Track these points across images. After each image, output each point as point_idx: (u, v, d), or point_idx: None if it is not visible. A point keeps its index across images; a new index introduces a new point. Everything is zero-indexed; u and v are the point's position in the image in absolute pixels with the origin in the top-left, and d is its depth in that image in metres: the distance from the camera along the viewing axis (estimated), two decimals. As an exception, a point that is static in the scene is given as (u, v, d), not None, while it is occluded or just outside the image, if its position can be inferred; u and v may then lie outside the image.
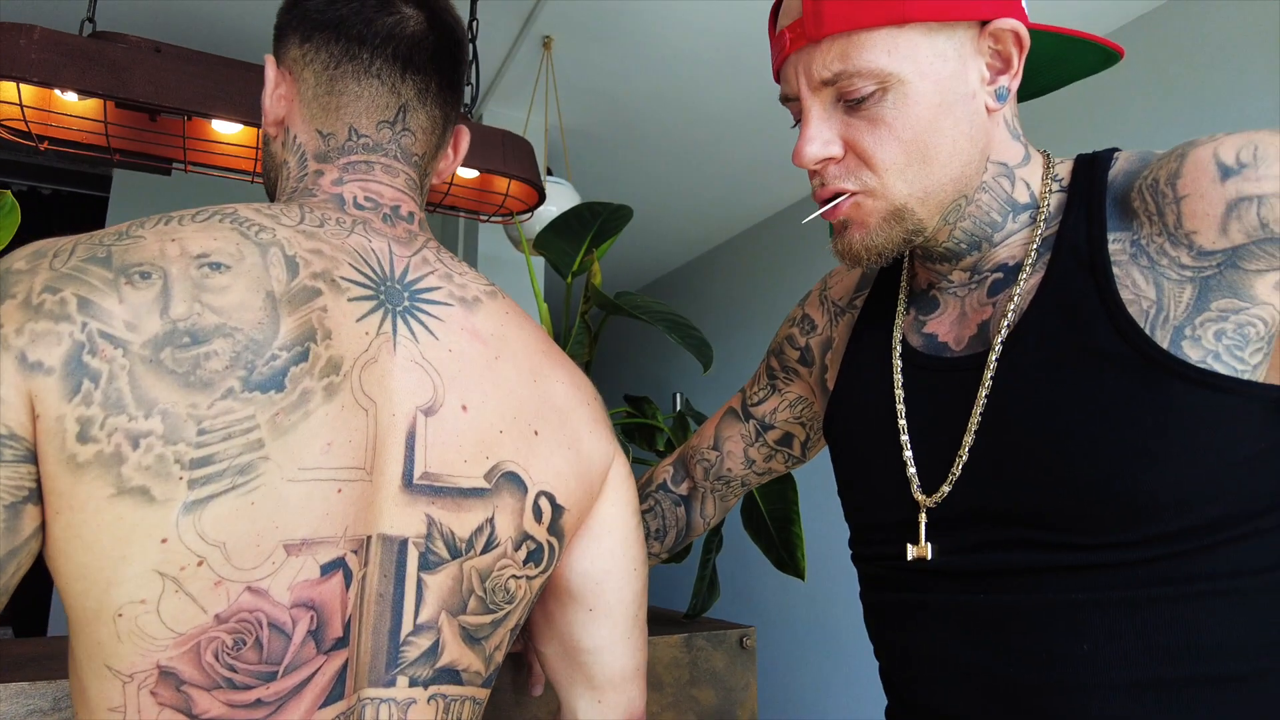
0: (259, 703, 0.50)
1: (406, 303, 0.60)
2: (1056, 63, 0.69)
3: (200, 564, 0.47)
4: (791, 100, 0.66)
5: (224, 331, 0.50)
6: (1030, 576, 0.58)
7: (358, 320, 0.56)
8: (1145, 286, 0.56)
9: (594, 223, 1.69)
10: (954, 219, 0.65)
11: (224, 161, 1.30)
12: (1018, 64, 0.63)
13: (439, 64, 0.69)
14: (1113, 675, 0.55)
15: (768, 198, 3.58)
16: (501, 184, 1.52)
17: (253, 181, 1.34)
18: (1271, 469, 0.54)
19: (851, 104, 0.61)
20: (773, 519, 1.62)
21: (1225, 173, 0.54)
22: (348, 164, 0.66)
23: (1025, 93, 0.73)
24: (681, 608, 1.55)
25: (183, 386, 0.47)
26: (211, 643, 0.49)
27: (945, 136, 0.61)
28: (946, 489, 0.63)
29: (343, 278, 0.57)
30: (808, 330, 0.86)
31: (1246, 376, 0.53)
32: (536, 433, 0.63)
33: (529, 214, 1.63)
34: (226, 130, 1.26)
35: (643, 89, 2.67)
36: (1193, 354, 0.54)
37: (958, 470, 0.62)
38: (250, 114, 1.16)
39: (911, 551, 0.64)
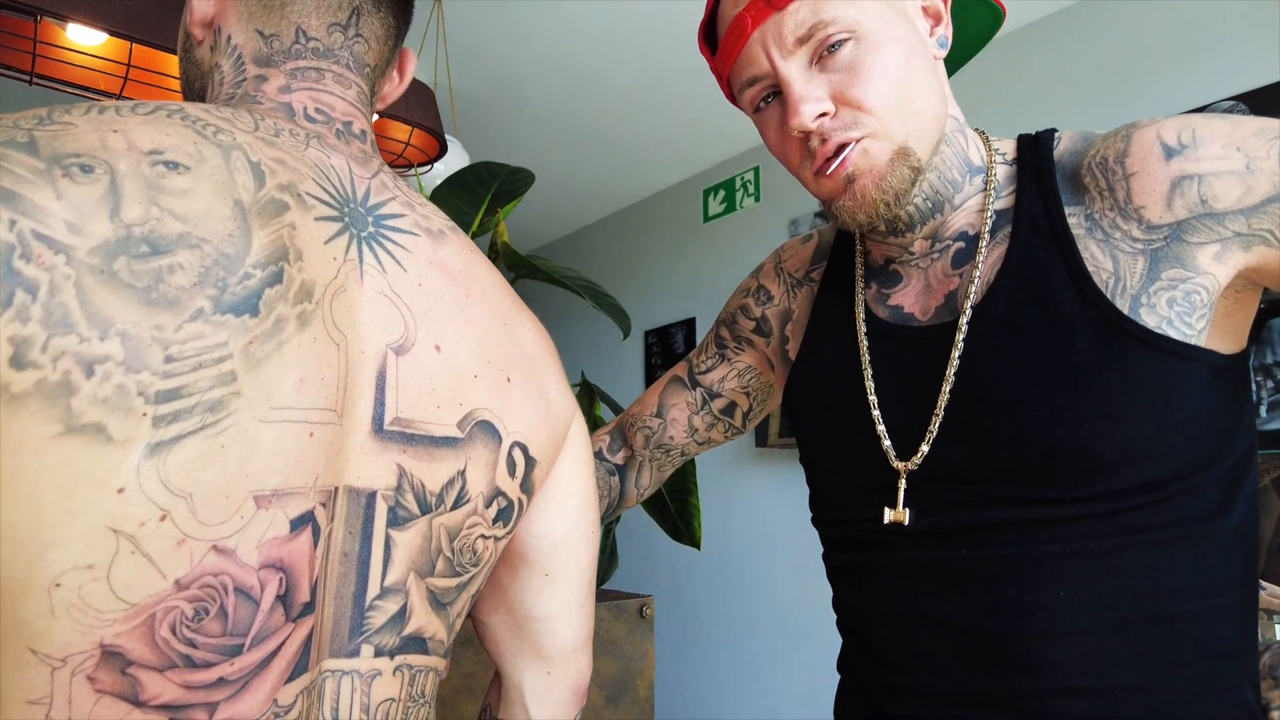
0: (221, 681, 0.43)
1: (371, 228, 0.54)
2: (957, 35, 0.74)
3: (163, 519, 0.39)
4: (760, 80, 0.66)
5: (189, 242, 0.41)
6: (1007, 532, 0.61)
7: (325, 243, 0.50)
8: (1103, 258, 0.60)
9: (493, 183, 1.62)
10: (936, 160, 0.67)
11: (79, 76, 1.10)
12: (946, 14, 0.69)
13: None
14: (1085, 619, 0.58)
15: (646, 178, 3.59)
16: (402, 132, 1.41)
17: (117, 103, 1.14)
18: (1208, 429, 0.59)
19: (828, 54, 0.63)
20: (670, 490, 1.63)
21: (1169, 152, 0.58)
22: (295, 69, 0.58)
23: None
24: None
25: (144, 304, 0.39)
26: (169, 614, 0.41)
27: (918, 77, 0.64)
28: (924, 449, 0.64)
29: (308, 193, 0.50)
30: (764, 301, 0.86)
31: (1193, 341, 0.58)
32: (509, 379, 0.59)
33: (429, 166, 1.53)
34: (86, 40, 1.07)
35: (533, 56, 2.58)
36: (1149, 320, 0.58)
37: (933, 434, 0.64)
38: (119, 23, 0.98)
39: (889, 515, 0.65)
